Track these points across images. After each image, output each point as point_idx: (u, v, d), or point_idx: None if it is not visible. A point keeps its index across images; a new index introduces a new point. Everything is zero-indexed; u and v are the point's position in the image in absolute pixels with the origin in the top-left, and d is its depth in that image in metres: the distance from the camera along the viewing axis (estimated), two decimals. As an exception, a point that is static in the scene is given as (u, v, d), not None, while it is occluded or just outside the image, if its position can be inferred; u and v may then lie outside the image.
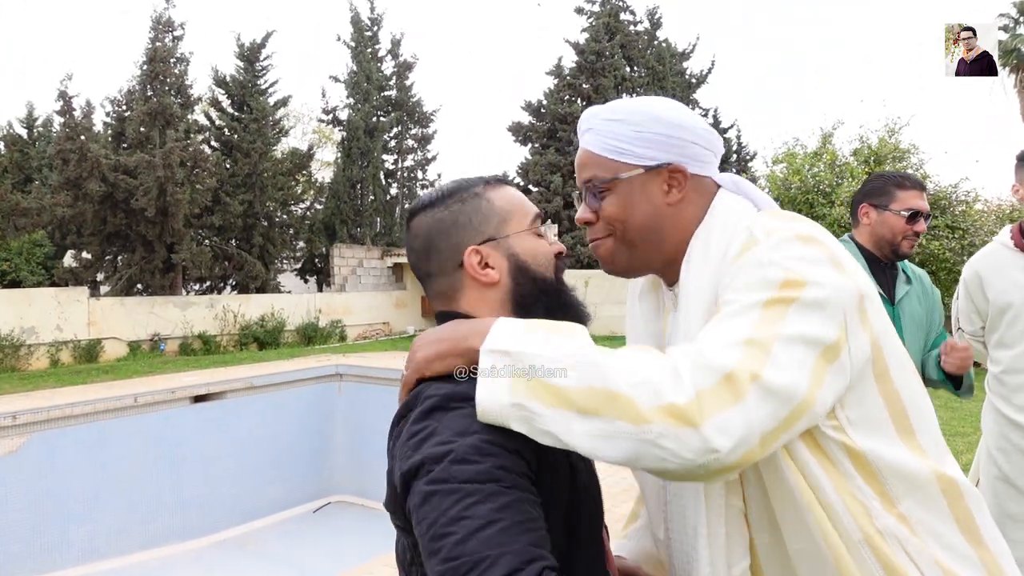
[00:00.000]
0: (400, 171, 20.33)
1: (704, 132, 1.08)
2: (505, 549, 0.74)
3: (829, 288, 0.88)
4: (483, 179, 1.07)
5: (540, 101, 22.20)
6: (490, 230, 1.02)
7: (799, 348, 0.84)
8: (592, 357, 0.83)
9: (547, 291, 1.03)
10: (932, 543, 0.91)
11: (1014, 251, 2.32)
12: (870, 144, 10.79)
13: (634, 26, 23.22)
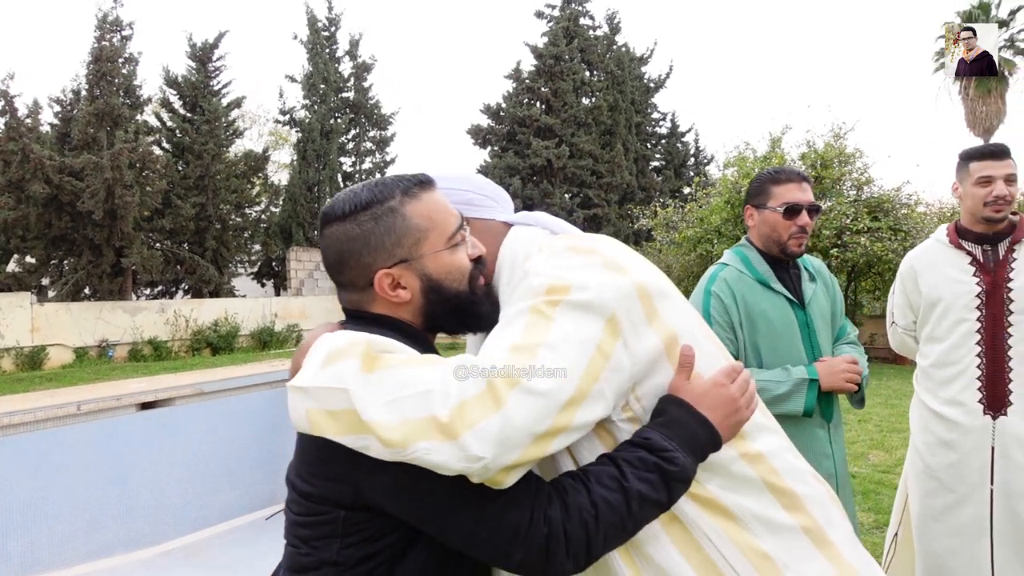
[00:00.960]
0: (358, 174, 20.15)
1: (479, 185, 1.21)
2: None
3: (595, 290, 0.92)
4: (402, 185, 1.04)
5: (499, 104, 22.23)
6: (403, 252, 1.01)
7: (567, 348, 0.87)
8: (352, 383, 0.85)
9: (459, 305, 1.05)
10: (741, 524, 0.97)
11: (948, 247, 2.40)
12: (816, 148, 11.07)
13: (593, 31, 23.41)
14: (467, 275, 1.05)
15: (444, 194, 1.09)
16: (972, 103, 27.21)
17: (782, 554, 0.96)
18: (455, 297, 1.04)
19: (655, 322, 0.96)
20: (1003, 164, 2.26)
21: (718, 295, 2.07)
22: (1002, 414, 2.26)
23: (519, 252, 1.09)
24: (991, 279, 2.30)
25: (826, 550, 1.00)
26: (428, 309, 1.04)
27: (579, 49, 22.30)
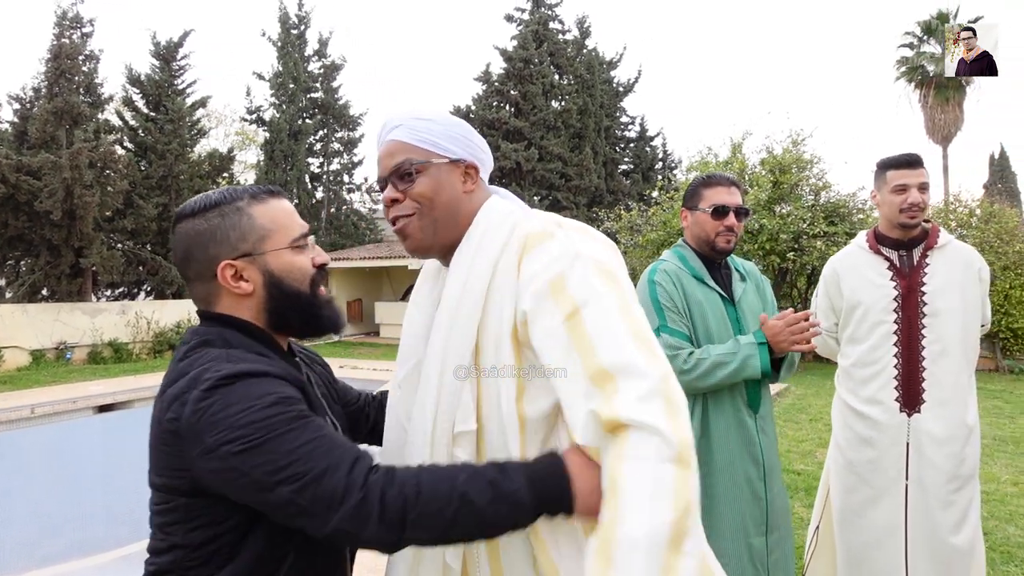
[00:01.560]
0: (326, 175, 20.03)
1: (484, 144, 1.24)
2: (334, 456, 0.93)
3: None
4: (251, 191, 1.12)
5: (469, 106, 22.27)
6: (247, 246, 1.08)
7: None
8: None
9: (300, 304, 1.11)
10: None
11: (868, 253, 2.51)
12: (775, 154, 11.30)
13: (563, 34, 23.56)
14: (309, 277, 1.13)
15: (464, 142, 1.18)
16: (931, 111, 27.98)
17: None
18: (296, 295, 1.10)
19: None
20: (917, 173, 2.38)
21: (661, 283, 2.16)
22: (916, 411, 2.37)
23: (496, 223, 1.14)
24: (907, 283, 2.41)
25: None
26: (270, 305, 1.10)
27: (549, 53, 22.44)
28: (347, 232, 19.64)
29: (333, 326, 1.15)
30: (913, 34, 28.36)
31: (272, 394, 0.95)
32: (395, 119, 1.20)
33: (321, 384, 1.27)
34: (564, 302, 1.01)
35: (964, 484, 2.42)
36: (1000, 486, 4.93)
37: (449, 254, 1.18)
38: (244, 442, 0.91)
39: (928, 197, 2.38)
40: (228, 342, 1.06)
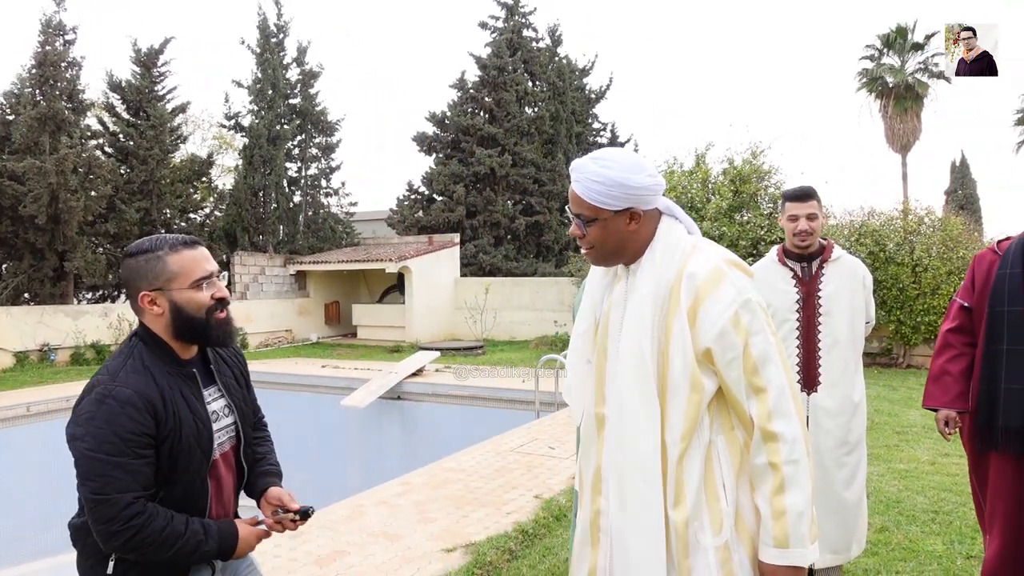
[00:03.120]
0: (303, 179, 20.37)
1: (651, 185, 1.57)
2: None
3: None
4: (171, 243, 1.63)
5: (444, 113, 22.74)
6: (159, 283, 1.60)
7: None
8: None
9: (194, 326, 1.63)
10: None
11: (777, 264, 3.10)
12: (735, 165, 11.99)
13: (536, 42, 24.13)
14: (204, 308, 1.62)
15: (626, 196, 1.54)
16: (891, 121, 29.04)
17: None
18: (191, 320, 1.61)
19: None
20: (806, 205, 2.97)
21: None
22: (814, 391, 2.97)
23: (672, 245, 1.57)
24: (806, 289, 3.01)
25: None
26: (174, 324, 1.61)
27: (522, 60, 23.00)
28: (324, 235, 20.02)
29: (219, 342, 1.68)
30: (874, 47, 29.45)
31: (119, 431, 1.47)
32: (575, 171, 1.60)
33: (231, 373, 1.80)
34: (741, 334, 1.46)
35: (853, 449, 3.02)
36: (919, 465, 5.58)
37: (628, 261, 1.63)
38: (85, 448, 1.46)
39: (817, 224, 2.97)
40: (140, 353, 1.60)
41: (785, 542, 1.43)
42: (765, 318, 1.50)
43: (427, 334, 16.87)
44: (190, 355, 1.68)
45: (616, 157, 1.57)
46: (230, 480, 1.75)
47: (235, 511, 1.79)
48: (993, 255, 2.94)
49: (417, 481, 5.24)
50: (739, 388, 1.48)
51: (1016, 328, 2.74)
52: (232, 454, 1.76)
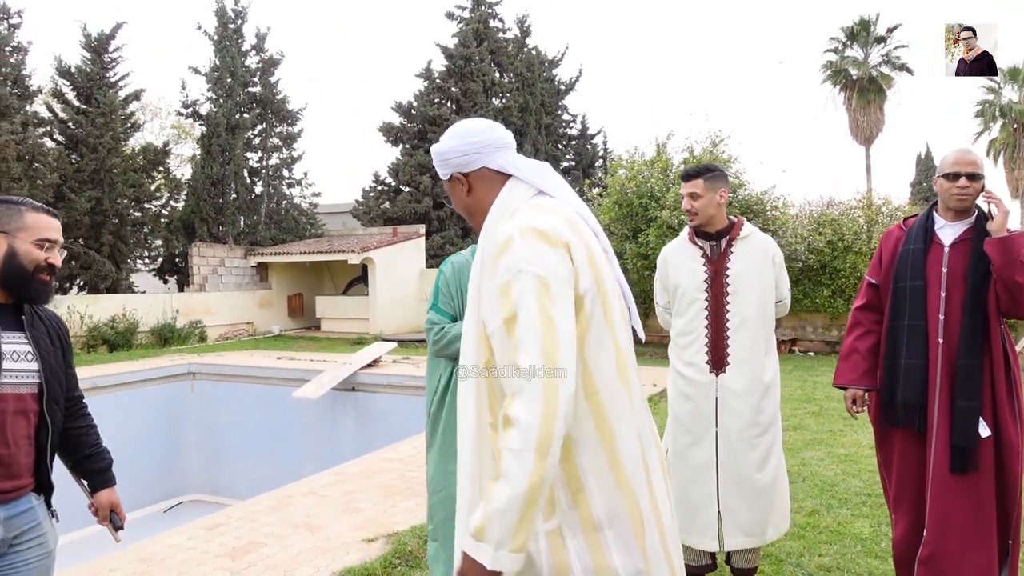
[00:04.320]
0: (264, 169, 20.03)
1: (456, 147, 1.55)
2: None
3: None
4: (35, 206, 1.84)
5: (410, 103, 22.50)
6: (8, 228, 1.78)
7: None
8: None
9: (19, 276, 1.78)
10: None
11: (688, 243, 3.04)
12: (695, 154, 11.98)
13: (504, 33, 23.96)
14: (35, 263, 1.78)
15: (447, 162, 1.56)
16: (854, 113, 29.39)
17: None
18: (19, 268, 1.76)
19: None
20: (689, 185, 2.93)
21: (444, 273, 2.76)
22: (722, 371, 2.90)
23: (500, 208, 1.50)
24: (714, 268, 2.94)
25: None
26: (3, 266, 1.76)
27: (489, 51, 22.82)
28: (287, 227, 19.70)
29: (35, 298, 1.83)
30: (838, 39, 29.73)
31: None
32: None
33: (46, 332, 1.90)
34: (506, 307, 1.32)
35: (765, 430, 2.96)
36: (860, 449, 5.59)
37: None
38: None
39: (701, 204, 2.91)
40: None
41: (480, 534, 1.22)
42: (543, 294, 1.29)
43: (392, 326, 16.69)
44: (2, 301, 1.82)
45: (449, 129, 1.60)
46: (20, 423, 1.79)
47: (32, 463, 1.84)
48: (900, 231, 2.92)
49: (351, 471, 5.12)
50: (503, 364, 1.33)
51: (916, 303, 2.72)
52: (31, 400, 1.82)
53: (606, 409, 1.39)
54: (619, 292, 1.51)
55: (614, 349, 1.43)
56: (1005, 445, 2.60)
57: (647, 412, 1.55)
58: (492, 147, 1.54)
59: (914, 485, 2.76)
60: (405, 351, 13.30)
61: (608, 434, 1.39)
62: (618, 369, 1.43)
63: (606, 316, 1.43)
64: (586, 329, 1.38)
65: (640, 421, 1.48)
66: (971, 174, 2.64)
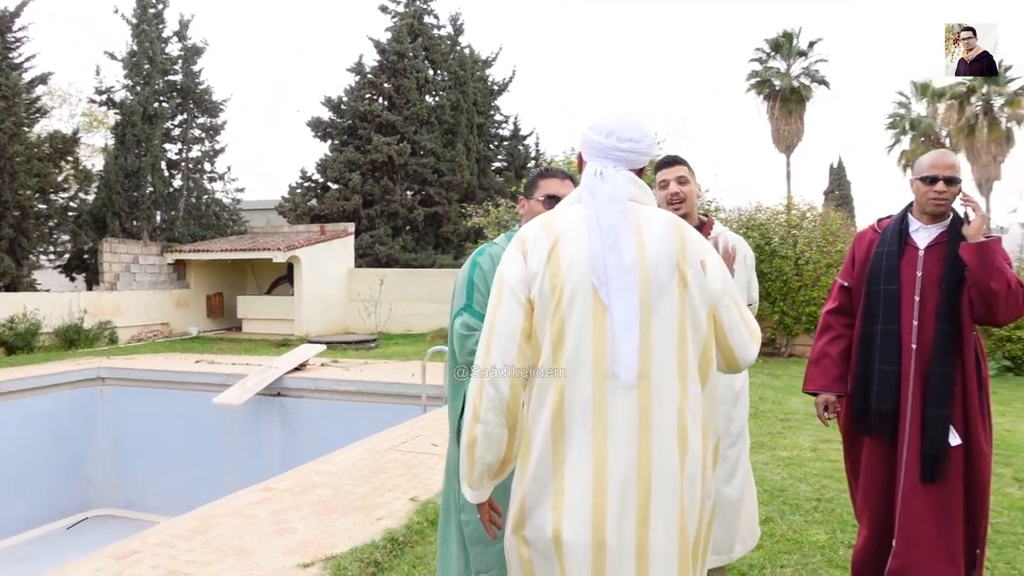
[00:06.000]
0: (185, 162, 19.01)
1: (587, 139, 1.70)
2: None
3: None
4: None
5: (341, 98, 21.86)
6: None
7: None
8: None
9: None
10: None
11: None
12: (631, 156, 11.95)
13: (438, 29, 23.60)
14: None
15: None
16: (777, 122, 30.42)
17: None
18: None
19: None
20: (675, 169, 2.76)
21: (481, 265, 2.24)
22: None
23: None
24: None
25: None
26: None
27: (423, 47, 22.42)
28: (208, 223, 18.74)
29: None
30: (762, 50, 30.73)
31: None
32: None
33: None
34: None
35: (735, 441, 2.82)
36: (801, 452, 5.59)
37: None
38: None
39: (688, 189, 2.75)
40: None
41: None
42: (496, 292, 1.57)
43: (318, 327, 16.10)
44: None
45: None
46: None
47: None
48: (873, 233, 2.84)
49: (281, 487, 4.74)
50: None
51: (890, 308, 2.64)
52: None
53: (565, 400, 1.48)
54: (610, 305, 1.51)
55: (583, 354, 1.50)
56: (975, 454, 2.54)
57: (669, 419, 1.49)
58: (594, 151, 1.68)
59: (881, 494, 2.68)
60: (334, 353, 12.82)
61: (560, 427, 1.48)
62: (594, 368, 1.48)
63: (562, 323, 1.49)
64: (537, 326, 1.52)
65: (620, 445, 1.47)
66: (949, 178, 2.57)
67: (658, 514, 1.43)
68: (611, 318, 1.46)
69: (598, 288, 1.47)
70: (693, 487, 1.48)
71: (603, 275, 1.48)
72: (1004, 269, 2.44)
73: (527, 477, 1.50)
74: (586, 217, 1.55)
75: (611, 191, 1.57)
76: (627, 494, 1.42)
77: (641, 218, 1.56)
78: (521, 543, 1.52)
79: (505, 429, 1.51)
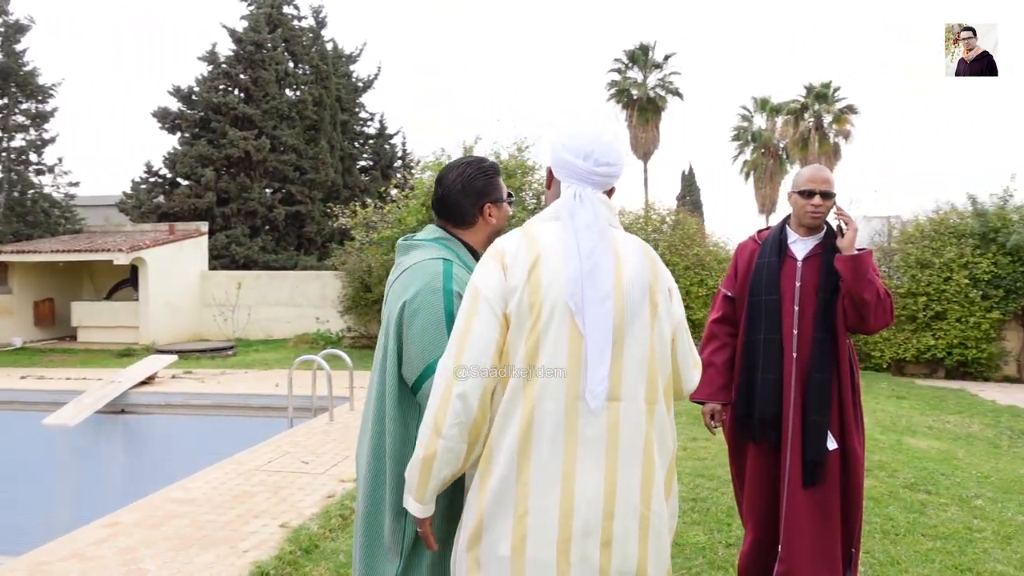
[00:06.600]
0: (5, 152, 16.95)
1: (555, 153, 1.68)
2: None
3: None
4: None
5: (192, 88, 20.38)
6: None
7: None
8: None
9: None
10: None
11: None
12: (501, 159, 12.02)
13: (298, 21, 22.61)
14: None
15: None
16: (635, 130, 31.90)
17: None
18: None
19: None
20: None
21: (458, 293, 1.72)
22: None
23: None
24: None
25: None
26: None
27: (283, 39, 21.40)
28: (35, 221, 16.81)
29: None
30: (621, 61, 32.11)
31: None
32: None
33: None
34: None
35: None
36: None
37: None
38: None
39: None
40: None
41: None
42: (471, 304, 1.52)
43: (168, 335, 14.87)
44: None
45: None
46: None
47: None
48: (754, 244, 2.92)
49: (129, 520, 4.23)
50: None
51: (772, 317, 2.73)
52: None
53: (535, 419, 1.45)
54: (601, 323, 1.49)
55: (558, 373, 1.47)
56: (850, 457, 2.66)
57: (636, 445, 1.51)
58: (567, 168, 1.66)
59: (766, 499, 2.76)
60: (187, 363, 11.87)
61: (527, 446, 1.45)
62: (567, 389, 1.46)
63: (536, 343, 1.47)
64: (511, 344, 1.48)
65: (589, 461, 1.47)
66: (824, 192, 2.67)
67: (619, 539, 1.45)
68: (585, 344, 1.46)
69: (574, 314, 1.48)
70: (652, 512, 1.50)
71: (579, 302, 1.47)
72: (875, 280, 2.58)
73: (487, 494, 1.47)
74: (564, 239, 1.53)
75: (590, 218, 1.56)
76: (592, 517, 1.43)
77: (618, 242, 1.58)
78: (473, 565, 1.49)
79: (466, 444, 1.47)
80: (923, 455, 5.65)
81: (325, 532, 3.96)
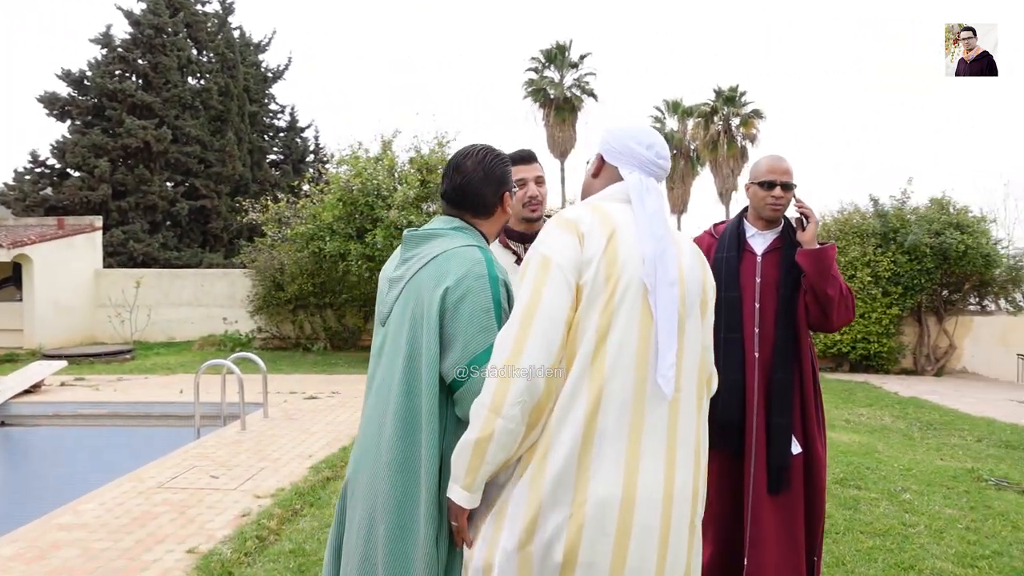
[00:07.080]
0: None
1: (613, 137, 1.69)
2: None
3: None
4: None
5: (84, 72, 18.93)
6: None
7: None
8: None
9: None
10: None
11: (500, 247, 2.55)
12: (422, 153, 11.67)
13: (202, 6, 21.42)
14: None
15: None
16: (552, 129, 32.12)
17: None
18: None
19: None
20: (532, 168, 2.44)
21: (504, 282, 1.65)
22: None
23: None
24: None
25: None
26: None
27: (185, 23, 20.23)
28: (-101, 213, 15.17)
29: None
30: (538, 60, 32.23)
31: None
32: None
33: None
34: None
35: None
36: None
37: None
38: None
39: (545, 190, 2.46)
40: None
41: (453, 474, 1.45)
42: (541, 272, 1.45)
43: (56, 338, 13.70)
44: None
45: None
46: None
47: None
48: (711, 238, 2.79)
49: (6, 553, 3.69)
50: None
51: (732, 315, 2.59)
52: None
53: (601, 402, 1.38)
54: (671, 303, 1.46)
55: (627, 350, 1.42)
56: (813, 460, 2.56)
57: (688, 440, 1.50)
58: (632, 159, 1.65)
59: (727, 508, 2.62)
60: (79, 369, 10.92)
61: (591, 431, 1.38)
62: (636, 369, 1.41)
63: (610, 319, 1.42)
64: (581, 318, 1.41)
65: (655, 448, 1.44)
66: (785, 183, 2.55)
67: (676, 534, 1.41)
68: (656, 326, 1.42)
69: (649, 292, 1.44)
70: (696, 515, 1.48)
71: (654, 283, 1.43)
72: (838, 275, 2.48)
73: (546, 483, 1.37)
74: (637, 219, 1.50)
75: (657, 204, 1.56)
76: (653, 510, 1.38)
77: (677, 239, 1.57)
78: (524, 562, 1.37)
79: (525, 427, 1.37)
80: (847, 449, 5.76)
81: (240, 557, 3.56)
